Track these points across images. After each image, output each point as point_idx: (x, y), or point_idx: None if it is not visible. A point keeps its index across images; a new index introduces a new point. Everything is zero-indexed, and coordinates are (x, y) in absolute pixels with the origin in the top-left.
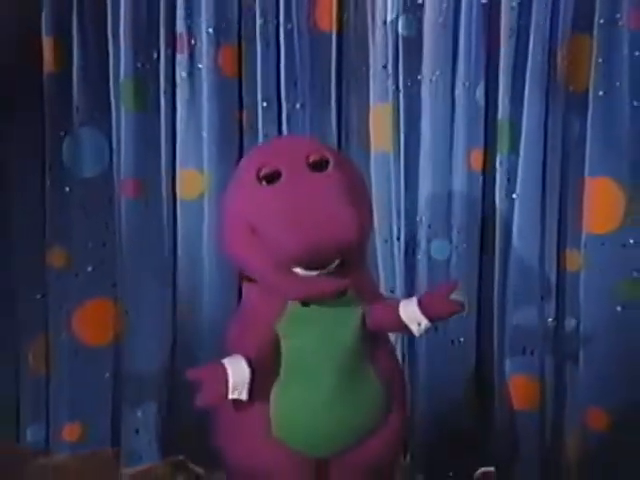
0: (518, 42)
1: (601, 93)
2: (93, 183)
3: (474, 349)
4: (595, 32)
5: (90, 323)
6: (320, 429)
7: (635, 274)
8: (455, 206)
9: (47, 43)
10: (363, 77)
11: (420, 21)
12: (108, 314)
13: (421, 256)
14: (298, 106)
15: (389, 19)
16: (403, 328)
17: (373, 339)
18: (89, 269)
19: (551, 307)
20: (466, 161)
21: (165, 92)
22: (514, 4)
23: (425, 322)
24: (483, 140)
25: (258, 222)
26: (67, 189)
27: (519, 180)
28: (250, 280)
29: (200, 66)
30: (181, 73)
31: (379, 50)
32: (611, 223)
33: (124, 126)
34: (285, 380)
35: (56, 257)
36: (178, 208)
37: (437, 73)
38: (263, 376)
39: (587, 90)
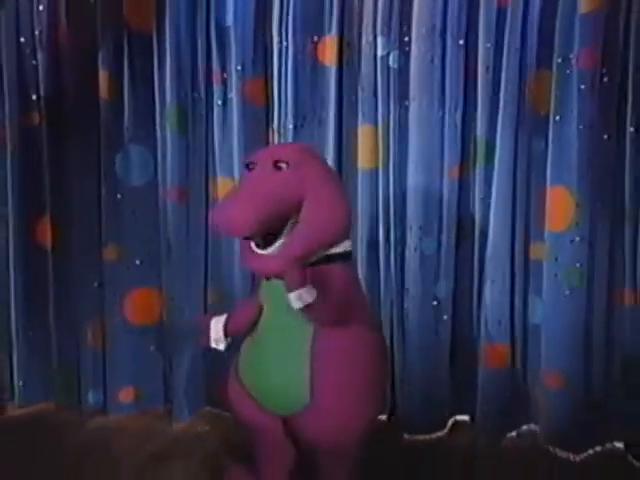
0: (493, 76)
1: (557, 118)
2: (140, 191)
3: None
4: (554, 69)
5: (138, 307)
6: (256, 385)
7: (578, 265)
8: (440, 210)
9: (102, 76)
10: (358, 102)
11: (408, 56)
12: (153, 300)
13: (412, 252)
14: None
15: (380, 54)
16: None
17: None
18: (137, 262)
19: (519, 288)
20: (448, 173)
21: (203, 116)
22: (488, 45)
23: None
24: (461, 155)
25: None
26: (119, 196)
27: (494, 188)
28: None
29: (230, 96)
30: (217, 101)
31: (372, 80)
32: (564, 223)
33: (170, 144)
34: (251, 337)
35: (110, 252)
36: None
37: (423, 100)
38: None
39: (548, 115)
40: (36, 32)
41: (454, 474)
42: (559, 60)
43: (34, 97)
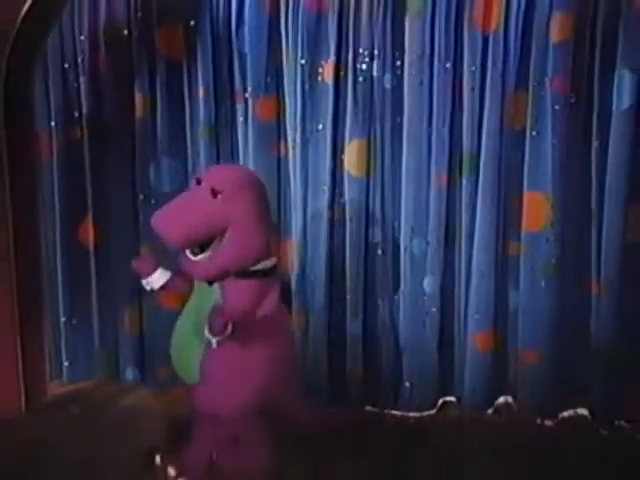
0: (477, 95)
1: (534, 133)
2: (172, 196)
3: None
4: (530, 90)
5: (170, 295)
6: (174, 359)
7: (553, 260)
8: (430, 214)
9: (138, 97)
10: (358, 117)
11: (401, 78)
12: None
13: (404, 251)
14: (310, 141)
15: (376, 75)
16: None
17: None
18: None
19: (498, 279)
20: (435, 181)
21: (229, 131)
22: (473, 68)
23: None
24: (448, 166)
25: None
26: (153, 201)
27: (478, 195)
28: None
29: (249, 113)
30: (239, 118)
31: (368, 98)
32: (540, 224)
33: (202, 154)
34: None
35: (145, 250)
36: None
37: (414, 117)
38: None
39: (525, 130)
40: (78, 59)
41: (444, 448)
42: (534, 83)
43: (76, 115)
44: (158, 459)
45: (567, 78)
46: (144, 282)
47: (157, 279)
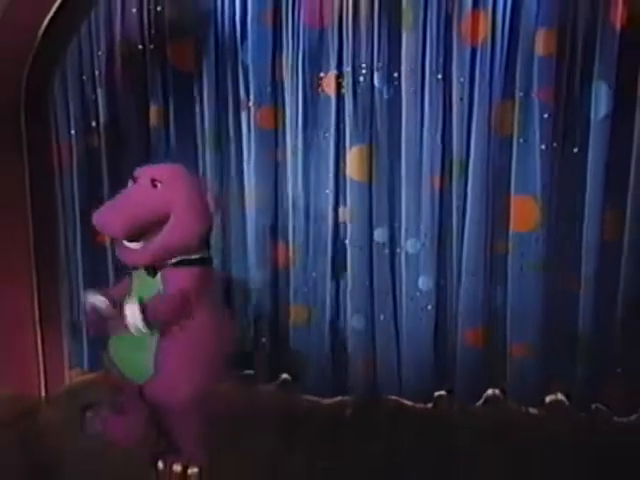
0: (468, 104)
1: (521, 140)
2: None
3: (436, 311)
4: (517, 99)
5: None
6: (117, 358)
7: (541, 259)
8: (423, 216)
9: (153, 108)
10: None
11: (397, 88)
12: None
13: (400, 250)
14: (312, 148)
15: (377, 87)
16: None
17: None
18: None
19: (488, 277)
20: (428, 184)
21: (234, 138)
22: (462, 79)
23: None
24: (441, 170)
25: None
26: None
27: (468, 197)
28: None
29: (252, 120)
30: (243, 126)
31: (367, 108)
32: (528, 225)
33: (208, 159)
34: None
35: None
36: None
37: (409, 124)
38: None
39: (512, 137)
40: (96, 72)
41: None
42: (521, 93)
43: (94, 124)
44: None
45: (551, 89)
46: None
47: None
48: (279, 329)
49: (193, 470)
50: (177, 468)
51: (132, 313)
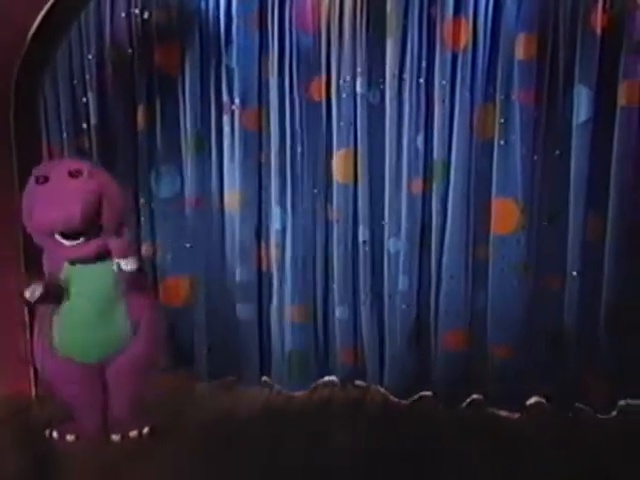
0: (450, 106)
1: (502, 142)
2: (169, 201)
3: (415, 312)
4: (497, 102)
5: (170, 292)
6: (81, 342)
7: (521, 260)
8: (404, 217)
9: (140, 110)
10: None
11: (382, 94)
12: (182, 287)
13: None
14: (299, 150)
15: (361, 91)
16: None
17: (127, 288)
18: (169, 257)
19: (469, 281)
20: (410, 186)
21: (216, 141)
22: (443, 82)
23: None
24: (423, 172)
25: (32, 208)
26: (153, 205)
27: (449, 199)
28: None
29: (236, 123)
30: (225, 128)
31: (351, 112)
32: (509, 227)
33: (189, 162)
34: (63, 312)
35: (147, 248)
36: (225, 214)
37: (392, 128)
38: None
39: (492, 140)
40: (86, 76)
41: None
42: (501, 97)
43: (85, 126)
44: None
45: (532, 92)
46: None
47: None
48: (269, 329)
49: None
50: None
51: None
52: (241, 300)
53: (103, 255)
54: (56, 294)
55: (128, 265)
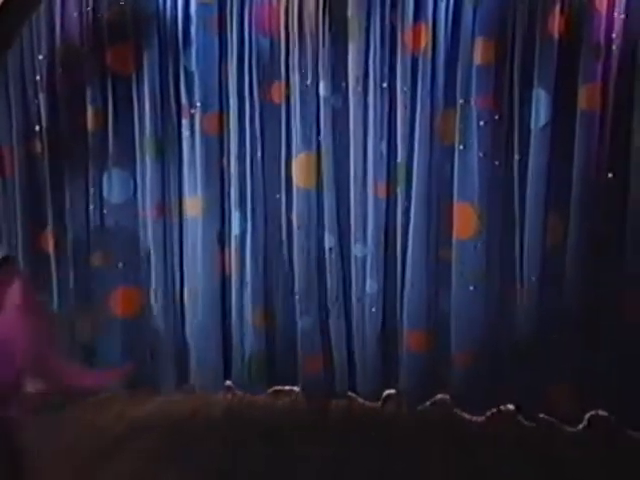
0: (411, 112)
1: (461, 147)
2: (122, 206)
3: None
4: (458, 108)
5: (121, 302)
6: None
7: (479, 265)
8: (368, 222)
9: (90, 111)
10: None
11: (346, 98)
12: (133, 297)
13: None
14: (259, 155)
15: (323, 95)
16: None
17: None
18: (120, 265)
19: (432, 285)
20: (374, 190)
21: (175, 145)
22: (405, 89)
23: None
24: (386, 177)
25: None
26: (105, 211)
27: (412, 203)
28: None
29: (195, 127)
30: (185, 132)
31: (313, 116)
32: (468, 232)
33: (149, 168)
34: None
35: (97, 258)
36: (185, 223)
37: (356, 132)
38: None
39: (453, 145)
40: (37, 77)
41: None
42: (461, 101)
43: (37, 128)
44: None
45: (490, 97)
46: None
47: None
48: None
49: None
50: None
51: None
52: (205, 305)
53: None
54: None
55: None
